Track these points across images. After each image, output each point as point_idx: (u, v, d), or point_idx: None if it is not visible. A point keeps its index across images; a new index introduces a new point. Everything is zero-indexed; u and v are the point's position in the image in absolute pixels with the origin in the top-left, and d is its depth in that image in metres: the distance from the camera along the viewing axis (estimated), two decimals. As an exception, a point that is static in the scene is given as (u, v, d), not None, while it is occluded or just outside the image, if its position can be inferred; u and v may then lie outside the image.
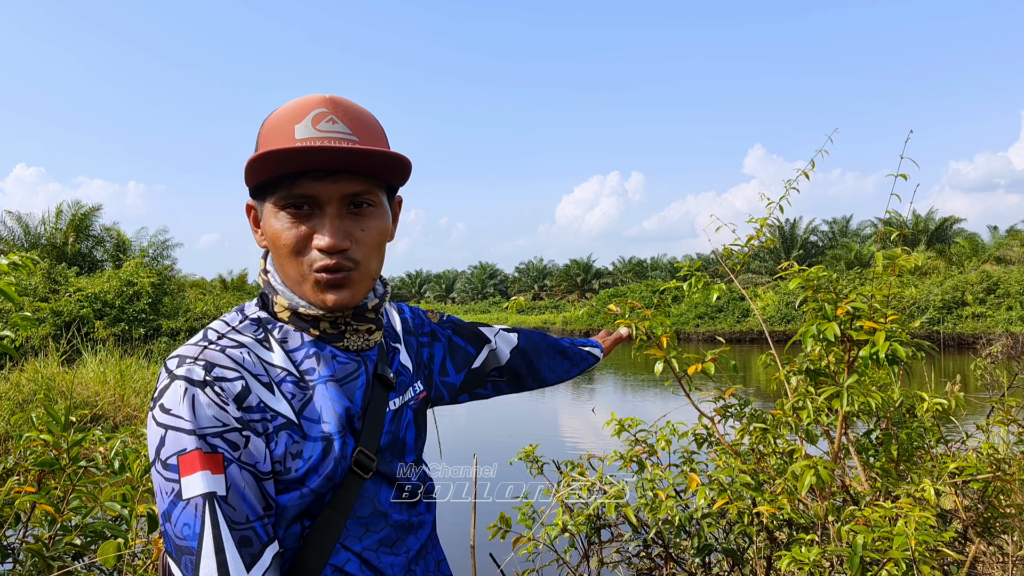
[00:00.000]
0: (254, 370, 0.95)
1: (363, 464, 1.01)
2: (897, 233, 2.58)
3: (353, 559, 0.99)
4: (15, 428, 6.69)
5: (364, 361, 1.07)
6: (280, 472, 0.93)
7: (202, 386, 0.89)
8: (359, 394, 1.04)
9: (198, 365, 0.91)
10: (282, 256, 0.99)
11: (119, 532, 1.84)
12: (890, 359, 2.02)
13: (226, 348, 0.96)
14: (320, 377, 1.00)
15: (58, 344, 11.96)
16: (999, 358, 4.46)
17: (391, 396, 1.10)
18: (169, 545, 0.87)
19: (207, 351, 0.94)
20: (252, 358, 0.97)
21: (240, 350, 0.97)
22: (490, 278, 72.25)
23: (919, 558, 1.72)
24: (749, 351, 23.96)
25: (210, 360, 0.92)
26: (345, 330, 1.05)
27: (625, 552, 2.82)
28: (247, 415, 0.91)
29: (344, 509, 0.98)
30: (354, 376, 1.05)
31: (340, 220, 0.98)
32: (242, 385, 0.92)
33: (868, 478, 2.37)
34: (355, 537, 1.00)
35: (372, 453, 1.02)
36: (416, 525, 1.10)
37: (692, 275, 2.75)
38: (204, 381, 0.90)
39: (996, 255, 31.40)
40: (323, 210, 0.97)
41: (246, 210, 1.07)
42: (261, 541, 0.88)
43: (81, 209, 24.06)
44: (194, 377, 0.90)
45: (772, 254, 41.78)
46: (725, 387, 2.63)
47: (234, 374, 0.92)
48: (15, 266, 2.02)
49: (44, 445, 2.04)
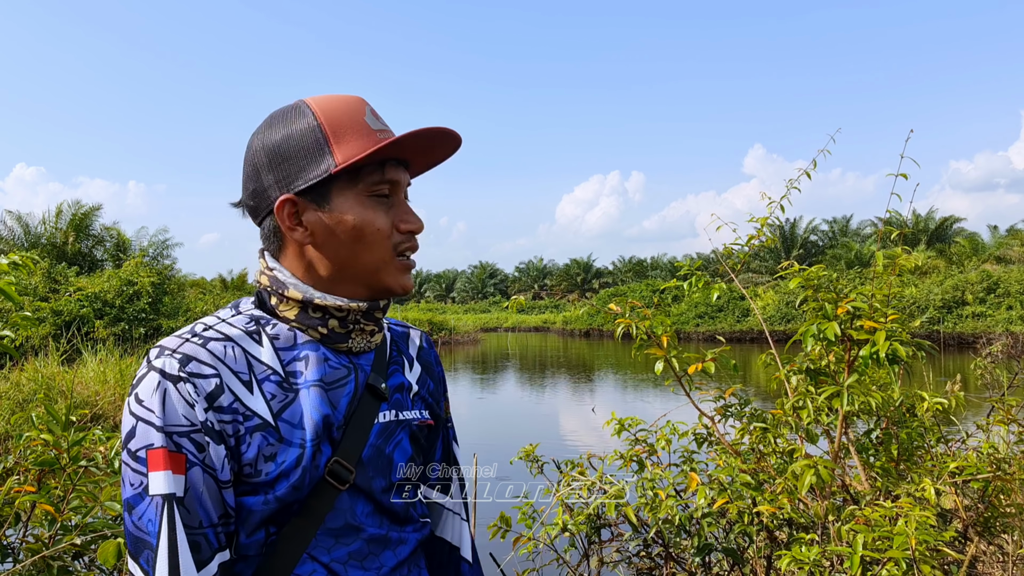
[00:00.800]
0: (235, 366, 0.94)
1: (338, 475, 0.97)
2: (897, 233, 2.58)
3: (320, 570, 0.96)
4: (15, 428, 6.70)
5: (356, 369, 1.04)
6: (250, 475, 0.92)
7: (175, 381, 0.88)
8: (344, 401, 1.00)
9: (175, 358, 0.90)
10: (368, 242, 1.00)
11: (119, 532, 1.84)
12: (890, 359, 2.02)
13: (209, 342, 0.94)
14: (306, 381, 0.98)
15: (58, 344, 11.97)
16: (999, 358, 4.46)
17: (382, 407, 1.05)
18: (128, 537, 0.88)
19: (187, 344, 0.92)
20: (235, 353, 0.95)
21: (225, 344, 0.95)
22: (490, 278, 72.29)
23: (919, 557, 1.72)
24: (749, 351, 23.98)
25: (188, 354, 0.91)
26: (352, 329, 1.03)
27: (625, 552, 2.82)
28: (216, 416, 0.90)
29: (315, 518, 0.96)
30: (342, 383, 1.01)
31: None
32: (216, 383, 0.91)
33: (868, 478, 2.37)
34: (324, 548, 0.97)
35: (351, 465, 0.98)
36: (395, 541, 1.05)
37: (692, 275, 2.75)
38: (178, 376, 0.89)
39: (996, 254, 31.43)
40: (398, 197, 1.04)
41: (278, 208, 0.99)
42: (211, 548, 0.88)
43: (81, 209, 24.09)
44: (168, 370, 0.89)
45: (772, 254, 41.79)
46: (725, 387, 2.63)
47: (210, 371, 0.91)
48: (15, 266, 2.02)
49: (44, 445, 2.04)
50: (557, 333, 46.58)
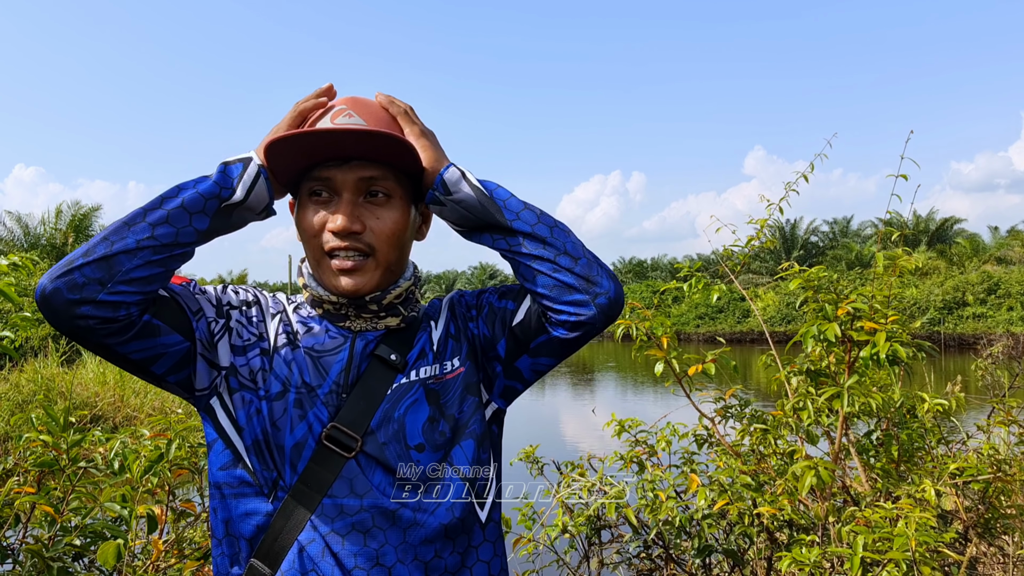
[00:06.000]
0: (273, 306, 1.13)
1: (339, 441, 1.00)
2: (898, 234, 2.58)
3: (317, 540, 0.98)
4: (15, 429, 6.69)
5: (354, 338, 1.09)
6: (244, 371, 1.05)
7: (222, 285, 1.13)
8: (336, 368, 1.06)
9: (245, 286, 1.16)
10: (305, 240, 1.08)
11: (119, 533, 1.84)
12: (891, 360, 2.02)
13: (263, 290, 1.18)
14: (302, 343, 1.08)
15: (58, 345, 11.96)
16: (1000, 359, 4.45)
17: (397, 378, 1.06)
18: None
19: (256, 289, 1.17)
20: (275, 302, 1.15)
21: (273, 295, 1.17)
22: (490, 278, 72.28)
23: (919, 559, 1.72)
24: (749, 352, 23.97)
25: (249, 287, 1.16)
26: (347, 314, 1.10)
27: (625, 553, 2.81)
28: (234, 314, 1.09)
29: (319, 485, 0.99)
30: (332, 351, 1.07)
31: (354, 206, 1.05)
32: (253, 296, 1.14)
33: (869, 479, 2.37)
34: (327, 518, 0.98)
35: (356, 432, 1.01)
36: (407, 520, 1.00)
37: (692, 276, 2.75)
38: (225, 284, 1.14)
39: (997, 255, 31.41)
40: (340, 196, 1.05)
41: (289, 209, 1.16)
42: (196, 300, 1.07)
43: (81, 209, 24.09)
44: (238, 286, 1.15)
45: (772, 255, 41.79)
46: (725, 388, 2.62)
47: (251, 295, 1.14)
48: (15, 266, 2.01)
49: (44, 446, 2.04)
50: (557, 334, 46.50)
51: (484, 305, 1.17)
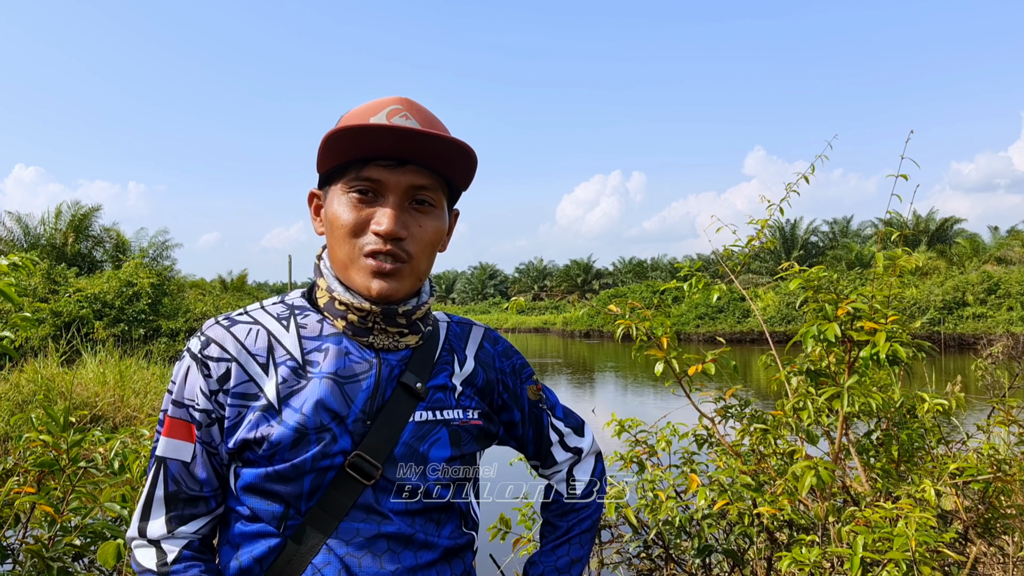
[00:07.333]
0: (254, 349, 1.03)
1: (361, 469, 0.99)
2: (898, 234, 2.58)
3: (334, 561, 0.98)
4: (15, 429, 6.69)
5: (380, 364, 1.05)
6: (249, 450, 1.00)
7: (194, 360, 1.02)
8: (362, 396, 1.02)
9: (200, 339, 1.03)
10: (338, 237, 1.03)
11: (119, 533, 1.84)
12: (891, 360, 2.02)
13: (235, 325, 1.05)
14: (320, 372, 1.02)
15: (58, 345, 11.95)
16: (1000, 359, 4.46)
17: (419, 407, 1.05)
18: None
19: (215, 327, 1.04)
20: (257, 337, 1.04)
21: (252, 328, 1.05)
22: (490, 278, 72.25)
23: (919, 559, 1.72)
24: (749, 352, 23.96)
25: (211, 337, 1.03)
26: (373, 328, 1.05)
27: (625, 553, 2.81)
28: (220, 399, 1.01)
29: (337, 510, 0.98)
30: (360, 377, 1.03)
31: (401, 211, 1.02)
32: (226, 368, 1.01)
33: (868, 479, 2.37)
34: (343, 540, 0.98)
35: (377, 461, 0.99)
36: (419, 543, 1.03)
37: (692, 275, 2.75)
38: (196, 356, 1.02)
39: (997, 255, 31.41)
40: (386, 199, 1.01)
41: (308, 199, 1.13)
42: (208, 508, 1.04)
43: (81, 210, 24.07)
44: (193, 350, 1.03)
45: (772, 255, 41.77)
46: (725, 388, 2.62)
47: (225, 356, 1.02)
48: (15, 267, 2.01)
49: (44, 446, 2.04)
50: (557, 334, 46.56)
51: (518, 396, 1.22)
